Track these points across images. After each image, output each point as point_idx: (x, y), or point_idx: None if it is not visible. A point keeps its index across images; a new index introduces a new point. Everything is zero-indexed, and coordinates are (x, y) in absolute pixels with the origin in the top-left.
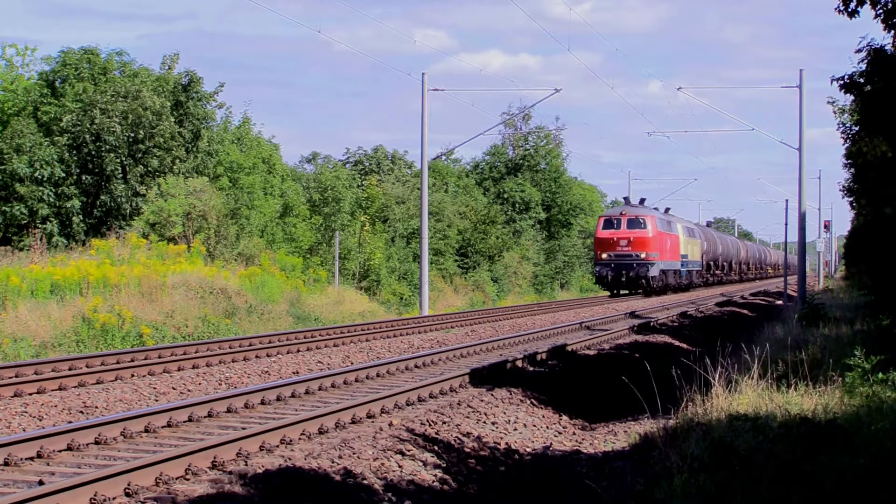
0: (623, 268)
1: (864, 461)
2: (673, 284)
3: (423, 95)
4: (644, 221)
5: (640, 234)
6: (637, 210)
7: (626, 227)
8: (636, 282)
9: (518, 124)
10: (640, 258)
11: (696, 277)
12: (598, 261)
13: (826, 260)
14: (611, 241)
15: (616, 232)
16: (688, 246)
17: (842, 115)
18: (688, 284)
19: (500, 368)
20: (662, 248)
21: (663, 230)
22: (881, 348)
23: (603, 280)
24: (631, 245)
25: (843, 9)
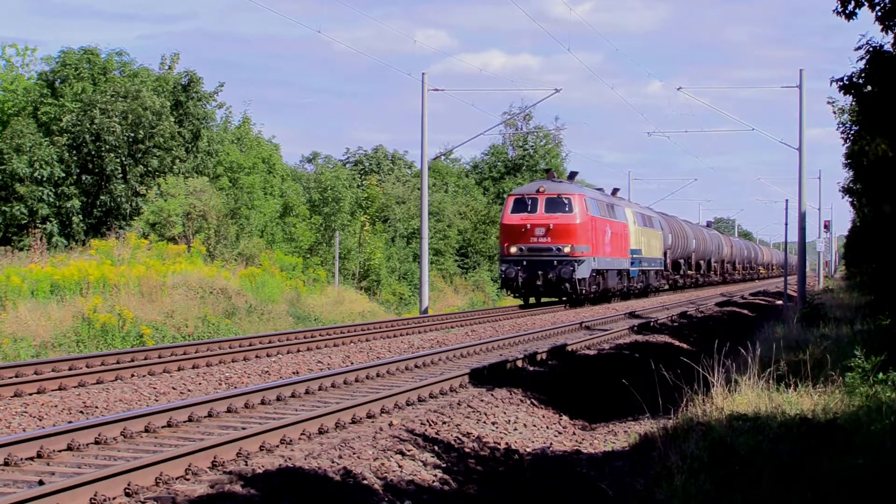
0: (539, 266)
1: (863, 461)
2: (617, 289)
3: (423, 95)
4: (569, 202)
5: (563, 219)
6: (560, 186)
7: (543, 209)
8: (556, 286)
9: (518, 124)
10: (563, 253)
11: (655, 279)
12: (505, 257)
13: (826, 260)
14: (522, 230)
15: (530, 217)
16: (642, 238)
17: (842, 115)
18: (643, 288)
19: (500, 368)
20: (597, 239)
21: (599, 215)
22: (881, 348)
23: (510, 283)
24: (550, 235)
25: (842, 10)
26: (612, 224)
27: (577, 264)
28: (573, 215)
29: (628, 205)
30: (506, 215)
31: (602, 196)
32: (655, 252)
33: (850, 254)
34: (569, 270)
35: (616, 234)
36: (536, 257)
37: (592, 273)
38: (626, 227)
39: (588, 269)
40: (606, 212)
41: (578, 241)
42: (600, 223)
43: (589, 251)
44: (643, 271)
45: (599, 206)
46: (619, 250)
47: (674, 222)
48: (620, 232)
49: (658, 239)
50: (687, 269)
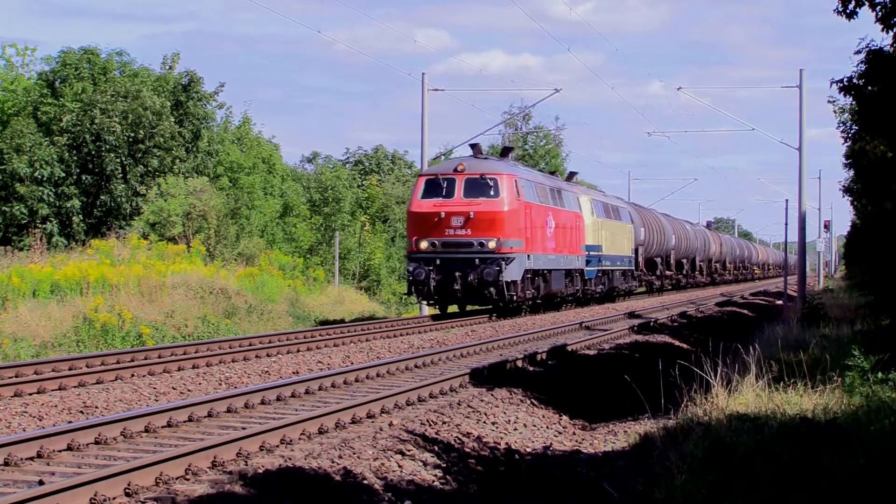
0: (456, 266)
1: (863, 461)
2: (566, 293)
3: (424, 95)
4: (495, 184)
5: (487, 206)
6: (484, 164)
7: (462, 193)
8: (478, 291)
9: (518, 124)
10: (487, 249)
11: (623, 281)
12: (414, 253)
13: (826, 260)
14: (435, 220)
15: (445, 203)
16: (602, 232)
17: (842, 114)
18: (605, 292)
19: (500, 368)
20: (535, 231)
21: (538, 201)
22: (881, 348)
23: (420, 287)
24: (471, 226)
25: (842, 10)
26: (559, 213)
27: (505, 263)
28: (500, 201)
29: (585, 192)
30: (414, 201)
31: (544, 178)
32: (623, 249)
33: (850, 254)
34: (493, 271)
35: (564, 227)
36: (453, 254)
37: (527, 274)
38: (580, 219)
39: (520, 269)
40: (550, 198)
41: (507, 233)
42: (539, 212)
43: (522, 246)
44: (604, 272)
45: (539, 190)
46: (569, 246)
47: (648, 215)
48: (570, 224)
49: (626, 234)
50: (665, 268)
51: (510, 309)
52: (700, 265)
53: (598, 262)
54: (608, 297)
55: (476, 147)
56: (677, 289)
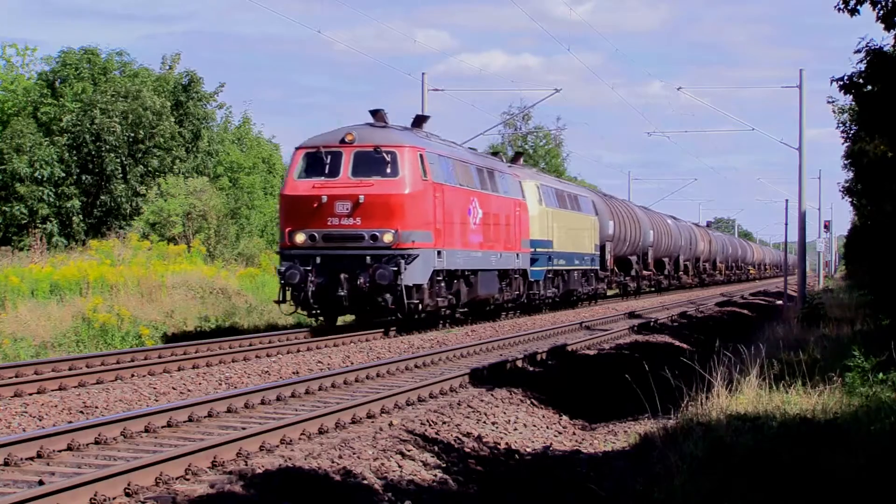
0: (341, 265)
1: (863, 461)
2: (503, 299)
3: (424, 95)
4: (393, 159)
5: (382, 187)
6: (381, 134)
7: (350, 171)
8: (370, 298)
9: (518, 124)
10: (382, 244)
11: (584, 283)
12: (288, 249)
13: (826, 260)
14: (314, 206)
15: (328, 184)
16: (554, 224)
17: (841, 114)
18: (561, 296)
19: (500, 368)
20: (450, 221)
21: (456, 183)
22: (881, 348)
23: (295, 292)
24: (360, 213)
25: (844, 7)
26: (489, 200)
27: (406, 261)
28: (399, 181)
29: (533, 175)
30: (289, 181)
31: (469, 155)
32: (583, 245)
33: (850, 254)
34: (389, 272)
35: (497, 217)
36: (337, 250)
37: (439, 276)
38: (521, 207)
39: (426, 269)
40: (476, 180)
41: (408, 222)
42: (457, 196)
43: (429, 240)
44: (557, 272)
45: (458, 169)
46: (504, 241)
47: (619, 206)
48: (507, 213)
49: (588, 227)
50: (642, 268)
51: (418, 321)
52: (685, 264)
53: (547, 260)
54: (567, 303)
55: (378, 113)
56: (658, 291)
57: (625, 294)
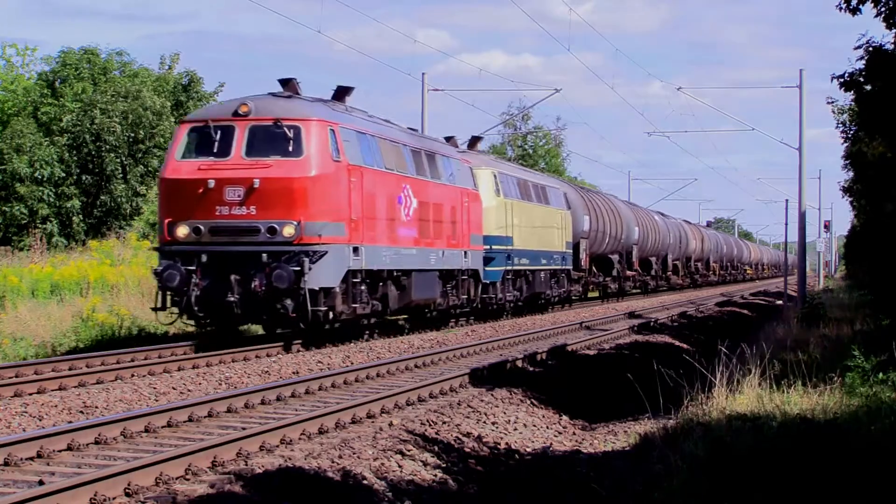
0: (232, 266)
1: (863, 461)
2: (446, 304)
3: (424, 95)
4: (298, 135)
5: (281, 169)
6: (283, 105)
7: (244, 148)
8: (267, 304)
9: (518, 124)
10: (281, 238)
11: (554, 286)
12: (167, 244)
13: (826, 260)
14: (199, 191)
15: (217, 165)
16: (512, 218)
17: (841, 115)
18: (526, 299)
19: (500, 368)
20: (371, 211)
21: (380, 165)
22: (881, 348)
23: (176, 296)
24: (255, 201)
25: (845, 6)
26: (426, 188)
27: (311, 259)
28: (303, 161)
29: (489, 162)
30: (170, 162)
31: (401, 134)
32: (552, 242)
33: (850, 254)
34: (289, 273)
35: (437, 208)
36: (227, 246)
37: (356, 277)
38: (472, 198)
39: (338, 269)
40: (409, 163)
41: (314, 212)
42: (384, 182)
43: (342, 234)
44: (520, 273)
45: (384, 150)
46: (449, 236)
47: (598, 200)
48: (452, 204)
49: (559, 222)
50: (625, 268)
51: (330, 332)
52: (675, 264)
53: (506, 259)
54: (534, 307)
55: (290, 83)
56: (645, 293)
57: (604, 296)
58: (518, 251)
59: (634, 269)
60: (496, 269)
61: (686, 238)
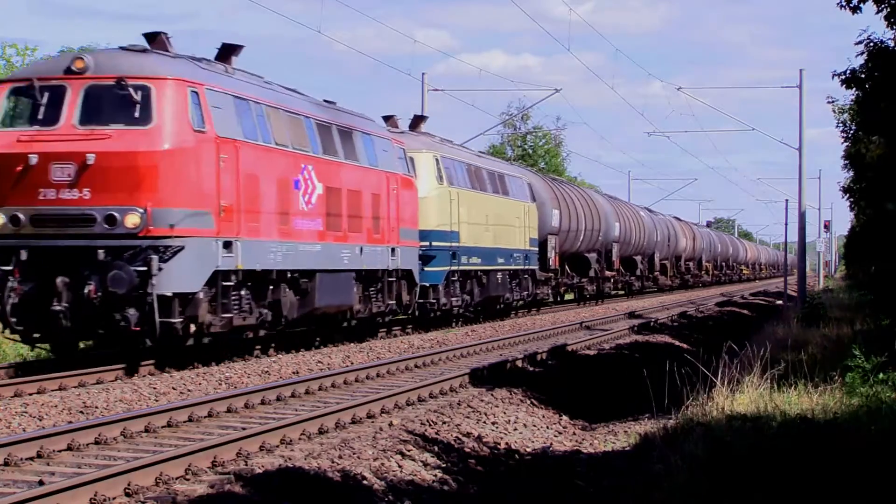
0: (58, 265)
1: (863, 462)
2: (366, 312)
3: (423, 95)
4: (146, 98)
5: (122, 140)
6: (128, 60)
7: (77, 115)
8: (103, 316)
9: (517, 124)
10: (122, 230)
11: (517, 288)
12: None
13: (826, 260)
14: (17, 169)
15: (41, 134)
16: (460, 210)
17: (842, 114)
18: (479, 304)
19: (500, 368)
20: (254, 196)
21: (269, 140)
22: (881, 348)
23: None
24: (89, 181)
25: (846, 4)
26: (339, 171)
27: (161, 257)
28: (153, 130)
29: (430, 145)
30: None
31: (303, 104)
32: (512, 238)
33: (850, 254)
34: (129, 275)
35: (350, 195)
36: (53, 240)
37: (226, 280)
38: (403, 185)
39: (202, 271)
40: (310, 139)
41: (167, 195)
42: (272, 161)
43: (209, 225)
44: (471, 274)
45: (274, 120)
46: (371, 229)
47: (572, 193)
48: (376, 191)
49: (521, 215)
50: (604, 268)
51: (194, 349)
52: (663, 264)
53: (450, 258)
54: (493, 312)
55: (157, 37)
56: (629, 294)
57: (581, 300)
58: (467, 248)
59: (615, 268)
60: (437, 270)
61: (675, 236)
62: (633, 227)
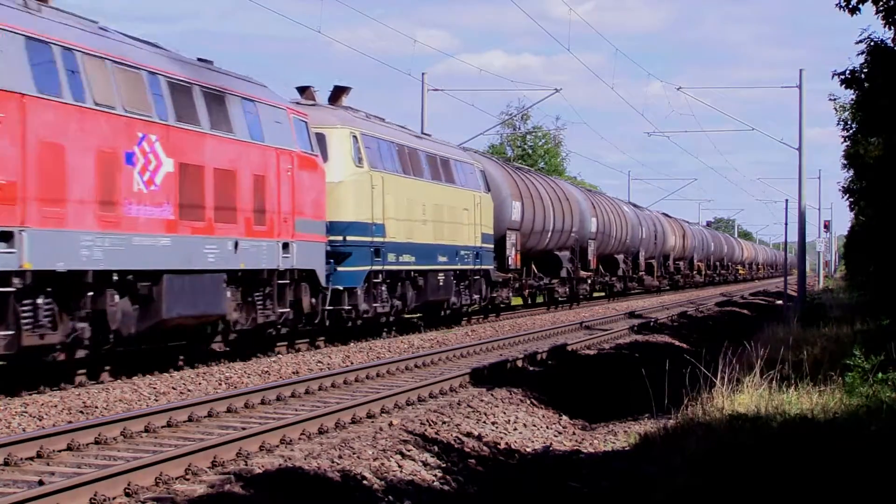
0: None
1: (863, 461)
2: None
3: (423, 95)
4: None
5: None
6: None
7: None
8: None
9: (517, 124)
10: None
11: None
12: None
13: (826, 260)
14: None
15: None
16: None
17: (843, 111)
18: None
19: (500, 368)
20: (55, 171)
21: (77, 96)
22: (881, 348)
23: None
24: None
25: (844, 5)
26: (199, 142)
27: None
28: None
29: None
30: None
31: (137, 53)
32: (461, 233)
33: (850, 254)
34: None
35: (217, 174)
36: None
37: (5, 286)
38: (305, 165)
39: None
40: (155, 101)
41: None
42: (88, 124)
43: None
44: (402, 275)
45: (90, 71)
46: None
47: (536, 181)
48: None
49: (473, 208)
50: (578, 267)
51: None
52: (649, 263)
53: (372, 255)
54: (438, 320)
55: None
56: (610, 297)
57: (552, 303)
58: (396, 245)
59: (592, 268)
60: (354, 270)
61: (663, 233)
62: (613, 223)
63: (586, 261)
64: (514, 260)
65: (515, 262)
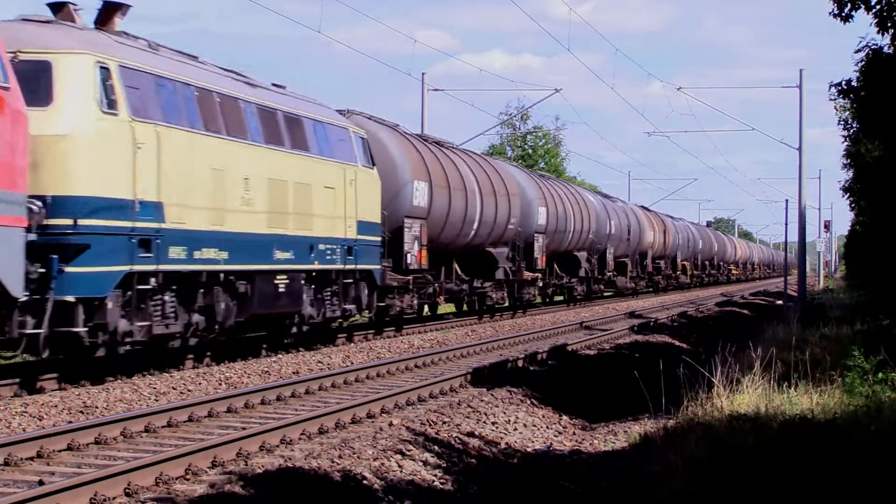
0: None
1: (863, 461)
2: None
3: (423, 95)
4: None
5: None
6: None
7: None
8: None
9: (517, 124)
10: None
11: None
12: None
13: (826, 260)
14: None
15: None
16: (173, 168)
17: (844, 111)
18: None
19: (500, 368)
20: None
21: None
22: (881, 348)
23: None
24: None
25: (837, 13)
26: None
27: None
28: None
29: (99, 41)
30: None
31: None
32: (326, 223)
33: (850, 254)
34: None
35: None
36: None
37: None
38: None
39: None
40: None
41: None
42: None
43: None
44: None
45: None
46: None
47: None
48: None
49: (350, 187)
50: (521, 267)
51: None
52: (621, 262)
53: (132, 249)
54: (277, 342)
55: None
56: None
57: (485, 312)
58: (184, 234)
59: (537, 267)
60: (96, 271)
61: (639, 228)
62: (570, 215)
63: (532, 259)
64: (418, 257)
65: (419, 261)
